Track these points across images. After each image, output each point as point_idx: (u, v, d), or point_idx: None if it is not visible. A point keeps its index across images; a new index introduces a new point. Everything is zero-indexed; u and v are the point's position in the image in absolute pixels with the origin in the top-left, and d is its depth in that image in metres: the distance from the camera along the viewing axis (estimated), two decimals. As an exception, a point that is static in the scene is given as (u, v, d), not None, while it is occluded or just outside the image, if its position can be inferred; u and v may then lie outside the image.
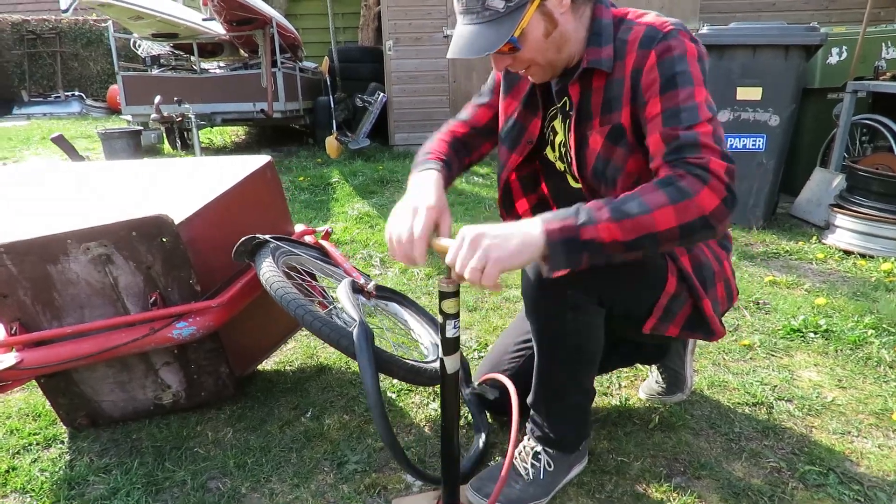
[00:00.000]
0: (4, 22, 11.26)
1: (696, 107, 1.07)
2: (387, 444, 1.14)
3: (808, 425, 1.61)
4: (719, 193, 1.00)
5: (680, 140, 1.05)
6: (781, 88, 3.35)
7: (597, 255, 1.00)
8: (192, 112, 4.84)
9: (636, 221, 0.98)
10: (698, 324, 1.29)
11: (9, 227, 1.48)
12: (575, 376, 1.31)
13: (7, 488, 1.44)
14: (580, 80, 1.20)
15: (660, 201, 0.99)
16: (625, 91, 1.15)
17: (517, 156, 1.35)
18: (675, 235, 1.00)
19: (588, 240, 0.98)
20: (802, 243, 3.20)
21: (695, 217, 0.99)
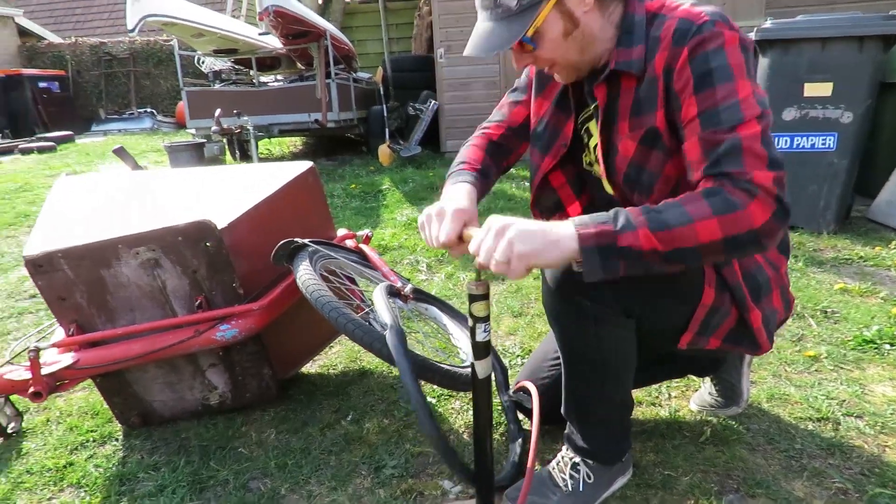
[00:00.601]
0: (84, 45, 12.07)
1: (738, 104, 0.97)
2: (433, 442, 1.10)
3: (880, 444, 1.48)
4: (769, 207, 0.91)
5: (720, 149, 0.96)
6: (855, 83, 3.13)
7: (634, 264, 0.94)
8: (250, 124, 5.02)
9: (677, 233, 0.92)
10: (742, 336, 1.20)
11: (67, 233, 1.55)
12: (602, 389, 1.24)
13: (63, 483, 1.51)
14: (607, 81, 1.12)
15: (704, 212, 0.92)
16: (658, 92, 1.06)
17: (550, 158, 1.29)
18: (720, 249, 0.92)
19: (625, 247, 0.92)
20: (879, 248, 2.98)
21: (742, 231, 0.91)
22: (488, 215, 1.03)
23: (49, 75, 11.10)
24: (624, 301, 1.15)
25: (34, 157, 7.73)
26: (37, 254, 1.46)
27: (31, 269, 1.47)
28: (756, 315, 1.18)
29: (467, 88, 5.97)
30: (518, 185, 4.80)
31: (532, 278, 2.75)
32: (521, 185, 4.75)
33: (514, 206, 4.13)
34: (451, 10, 5.81)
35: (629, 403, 1.33)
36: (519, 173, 5.29)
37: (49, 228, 1.60)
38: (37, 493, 1.47)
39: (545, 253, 0.93)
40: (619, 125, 1.13)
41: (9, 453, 1.63)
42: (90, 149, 8.44)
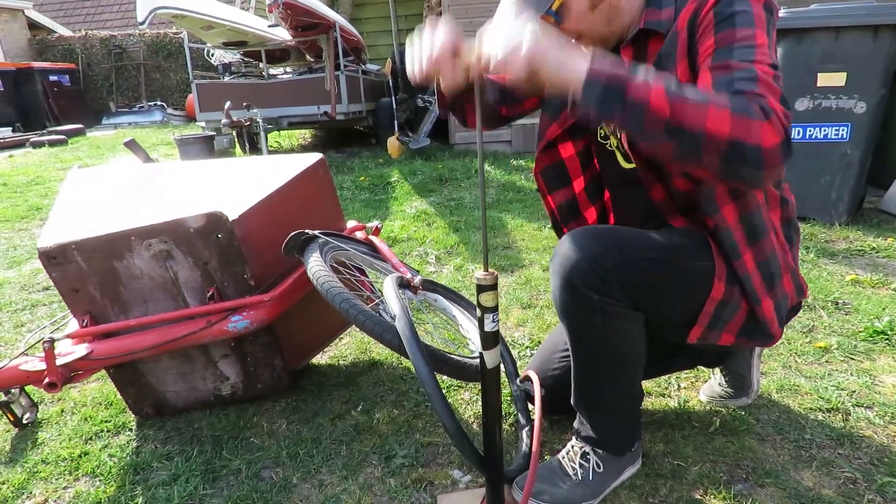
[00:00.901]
0: (94, 38, 12.12)
1: (754, 48, 0.95)
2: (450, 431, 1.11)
3: (889, 434, 1.48)
4: (779, 132, 0.87)
5: (734, 73, 0.94)
6: (869, 73, 3.09)
7: (632, 118, 0.89)
8: (259, 116, 5.03)
9: (689, 106, 0.87)
10: (755, 330, 1.19)
11: (80, 225, 1.57)
12: (613, 381, 1.25)
13: (78, 472, 1.53)
14: (633, 43, 1.11)
15: (722, 102, 0.88)
16: (679, 44, 1.04)
17: (557, 126, 1.27)
18: (722, 148, 0.87)
19: (632, 95, 0.88)
20: (892, 240, 2.95)
21: (749, 141, 0.86)
22: (497, 208, 1.02)
23: (59, 68, 11.17)
24: (632, 294, 1.14)
25: (45, 151, 7.80)
26: (50, 245, 1.48)
27: (45, 260, 1.49)
28: (768, 304, 1.17)
29: (476, 80, 5.94)
30: (527, 176, 4.79)
31: (542, 270, 2.75)
32: (529, 178, 4.73)
33: (524, 198, 4.13)
34: (461, 1, 5.78)
35: (639, 395, 1.34)
36: (528, 164, 5.27)
37: (62, 220, 1.61)
38: (52, 483, 1.50)
39: (553, 61, 0.90)
40: None
41: (24, 443, 1.66)
42: (101, 142, 8.51)
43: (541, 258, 2.94)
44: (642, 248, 1.14)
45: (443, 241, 3.24)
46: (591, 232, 1.15)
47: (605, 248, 1.11)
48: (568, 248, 1.13)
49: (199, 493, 1.42)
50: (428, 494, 1.37)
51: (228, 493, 1.41)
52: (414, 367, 1.12)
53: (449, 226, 3.54)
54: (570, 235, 1.15)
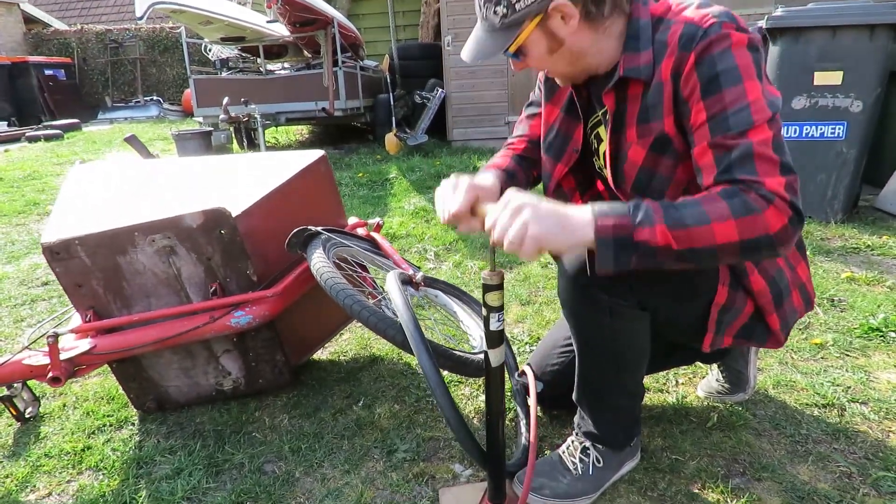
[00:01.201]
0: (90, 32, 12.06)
1: (747, 108, 0.95)
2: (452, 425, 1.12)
3: (884, 430, 1.50)
4: (784, 213, 0.91)
5: (733, 155, 0.95)
6: (865, 72, 3.12)
7: (647, 259, 0.93)
8: (257, 112, 5.03)
9: (694, 232, 0.91)
10: (752, 331, 1.21)
11: (82, 221, 1.58)
12: (617, 379, 1.27)
13: (82, 465, 1.54)
14: (616, 88, 1.11)
15: (722, 213, 0.91)
16: (665, 98, 1.04)
17: (563, 166, 1.28)
18: (736, 251, 0.92)
19: (641, 241, 0.92)
20: (887, 238, 2.98)
21: (759, 235, 0.91)
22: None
23: (55, 63, 11.12)
24: (639, 294, 1.16)
25: (41, 145, 7.76)
26: (54, 241, 1.48)
27: (49, 255, 1.50)
28: (774, 320, 1.19)
29: (475, 77, 5.95)
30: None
31: (540, 266, 2.77)
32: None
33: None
34: (458, -3, 5.78)
35: (640, 392, 1.36)
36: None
37: (65, 216, 1.62)
38: (56, 476, 1.51)
39: (560, 238, 0.93)
40: (627, 132, 1.12)
41: (27, 437, 1.67)
42: (97, 137, 8.47)
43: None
44: None
45: (441, 238, 3.26)
46: None
47: None
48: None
49: (202, 487, 1.43)
50: (430, 488, 1.38)
51: (232, 486, 1.43)
52: (418, 362, 1.14)
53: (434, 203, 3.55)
54: None
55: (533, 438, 1.17)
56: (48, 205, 4.53)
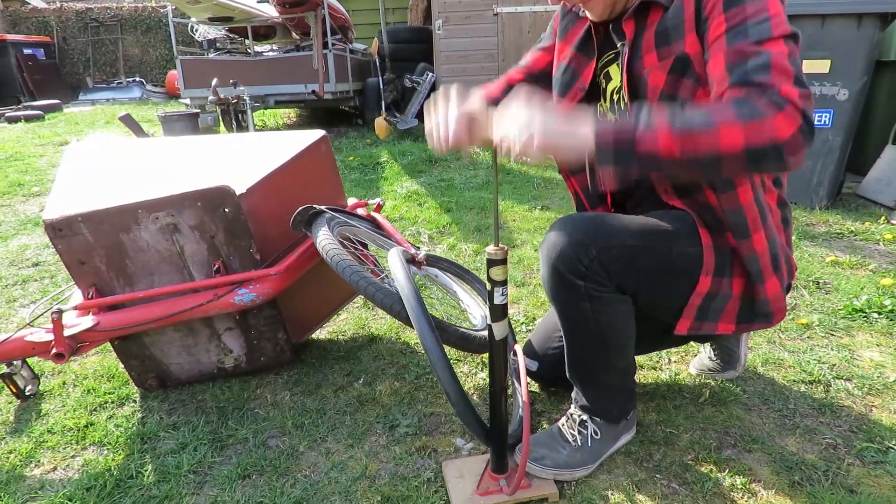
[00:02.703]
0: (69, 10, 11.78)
1: (767, 21, 0.95)
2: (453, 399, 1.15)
3: (867, 404, 1.57)
4: (794, 120, 0.89)
5: (748, 62, 0.94)
6: (852, 60, 3.18)
7: (649, 166, 0.93)
8: (246, 94, 4.98)
9: (698, 135, 0.90)
10: (753, 315, 1.24)
11: (84, 198, 1.58)
12: (606, 359, 1.29)
13: (86, 441, 1.56)
14: (635, 15, 1.12)
15: (727, 117, 0.90)
16: (686, 17, 1.05)
17: (568, 101, 1.29)
18: (741, 160, 0.90)
19: (643, 151, 0.92)
20: (869, 224, 3.06)
21: (765, 141, 0.88)
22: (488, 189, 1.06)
23: (34, 42, 10.85)
24: (617, 280, 1.18)
25: (21, 126, 7.62)
26: (57, 217, 1.48)
27: (52, 232, 1.49)
28: (773, 283, 1.21)
29: (465, 61, 5.94)
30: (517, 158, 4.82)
31: (534, 249, 2.81)
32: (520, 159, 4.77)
33: (514, 180, 4.18)
34: (449, -19, 5.75)
35: (632, 369, 1.39)
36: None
37: (67, 193, 1.62)
38: (60, 452, 1.52)
39: (565, 141, 0.94)
40: (646, 57, 1.12)
41: (28, 414, 1.68)
42: (79, 118, 8.33)
43: (532, 238, 2.99)
44: (627, 234, 1.17)
45: (435, 221, 3.28)
46: (576, 219, 1.19)
47: (589, 235, 1.15)
48: (554, 235, 1.18)
49: (208, 461, 1.45)
50: (433, 461, 1.42)
51: (237, 460, 1.45)
52: (418, 334, 1.16)
53: (440, 206, 3.58)
54: (557, 223, 1.20)
55: (526, 415, 1.21)
56: (33, 186, 4.47)
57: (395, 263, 1.28)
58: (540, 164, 1.18)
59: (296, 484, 1.36)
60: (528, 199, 3.67)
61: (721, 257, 1.20)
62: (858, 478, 1.31)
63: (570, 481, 1.32)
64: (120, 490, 1.37)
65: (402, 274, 1.24)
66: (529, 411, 1.23)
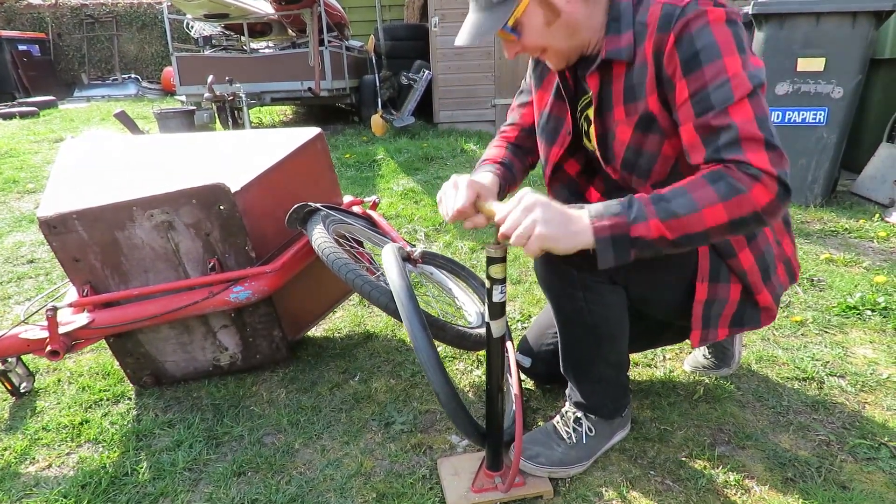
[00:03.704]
0: (64, 6, 11.71)
1: (727, 83, 0.98)
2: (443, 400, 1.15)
3: (860, 401, 1.58)
4: (772, 188, 0.95)
5: (719, 138, 0.98)
6: (847, 58, 3.19)
7: (645, 250, 0.99)
8: (242, 91, 4.96)
9: (685, 221, 0.96)
10: (744, 318, 1.25)
11: (79, 195, 1.57)
12: (598, 351, 1.30)
13: (81, 438, 1.56)
14: (599, 70, 1.14)
15: (710, 198, 0.96)
16: (648, 77, 1.08)
17: (557, 149, 1.31)
18: (725, 230, 0.98)
19: (637, 237, 0.97)
20: (863, 221, 3.07)
21: (747, 213, 0.95)
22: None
23: (29, 38, 10.78)
24: (609, 270, 1.18)
25: (17, 123, 7.57)
26: (51, 214, 1.48)
27: (46, 229, 1.49)
28: (765, 296, 1.23)
29: (461, 58, 5.93)
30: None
31: (529, 247, 2.81)
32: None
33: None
34: (446, -22, 5.74)
35: (625, 363, 1.39)
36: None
37: (62, 190, 1.61)
38: (55, 448, 1.52)
39: (563, 240, 0.98)
40: (615, 110, 1.15)
41: (23, 412, 1.67)
42: (74, 115, 8.28)
43: (528, 236, 2.99)
44: None
45: (431, 219, 3.28)
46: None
47: None
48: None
49: (203, 458, 1.46)
50: (428, 458, 1.42)
51: (233, 457, 1.45)
52: (408, 331, 1.15)
53: (436, 204, 3.57)
54: None
55: (518, 411, 1.21)
56: (28, 182, 4.45)
57: (389, 260, 1.27)
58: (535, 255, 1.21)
59: (291, 481, 1.36)
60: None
61: (716, 264, 1.21)
62: (851, 474, 1.31)
63: (565, 478, 1.33)
64: (115, 487, 1.37)
65: (394, 271, 1.23)
66: (521, 407, 1.23)
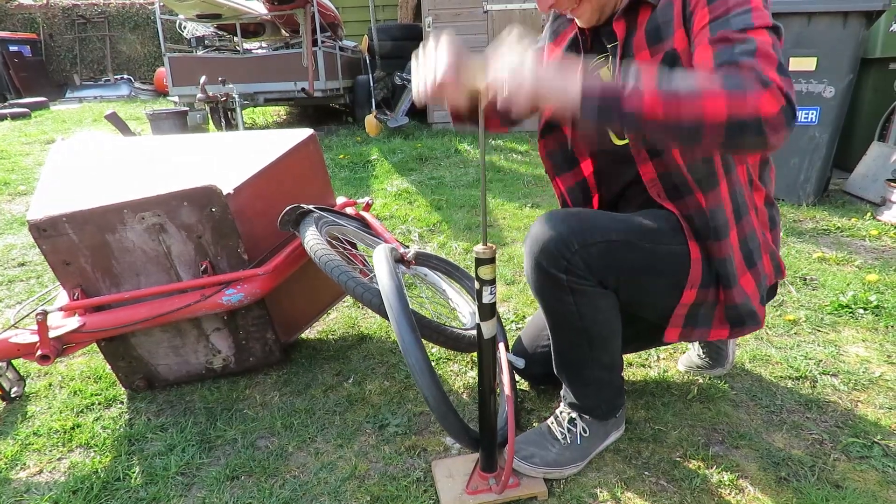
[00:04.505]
0: (56, 7, 11.65)
1: (749, 12, 0.97)
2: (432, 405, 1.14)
3: (853, 400, 1.58)
4: (778, 100, 0.88)
5: (734, 47, 0.95)
6: (838, 58, 3.20)
7: (631, 125, 0.93)
8: (235, 92, 4.95)
9: (683, 100, 0.89)
10: (743, 316, 1.24)
11: (69, 198, 1.56)
12: (590, 353, 1.29)
13: (72, 443, 1.54)
14: (625, 15, 1.13)
15: (714, 86, 0.90)
16: (675, 13, 1.06)
17: None
18: (721, 131, 0.89)
19: (627, 108, 0.91)
20: (855, 220, 3.09)
21: (748, 115, 0.88)
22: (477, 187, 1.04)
23: (20, 38, 10.72)
24: (599, 275, 1.19)
25: (8, 124, 7.52)
26: (41, 218, 1.47)
27: (36, 233, 1.48)
28: (748, 280, 1.23)
29: (454, 58, 5.92)
30: (506, 156, 4.83)
31: (522, 247, 2.81)
32: (510, 158, 4.77)
33: (503, 178, 4.17)
34: (439, -23, 5.74)
35: (618, 365, 1.38)
36: (506, 145, 5.31)
37: (52, 192, 1.60)
38: (46, 454, 1.51)
39: (552, 98, 0.93)
40: (638, 56, 1.13)
41: (14, 417, 1.66)
42: (66, 116, 8.24)
43: (522, 236, 3.00)
44: (610, 230, 1.17)
45: (425, 220, 3.28)
46: (560, 214, 1.19)
47: (572, 229, 1.15)
48: (537, 230, 1.18)
49: (196, 462, 1.45)
50: (422, 460, 1.42)
51: (226, 461, 1.44)
52: (397, 336, 1.14)
53: (431, 204, 3.57)
54: (540, 218, 1.20)
55: (510, 411, 1.21)
56: (19, 185, 4.42)
57: (380, 261, 1.26)
58: (522, 117, 1.12)
59: (285, 485, 1.35)
60: (518, 197, 3.67)
61: (707, 271, 1.21)
62: (844, 473, 1.32)
63: (560, 479, 1.32)
64: (107, 492, 1.36)
65: (384, 271, 1.22)
66: (513, 408, 1.23)
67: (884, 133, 3.65)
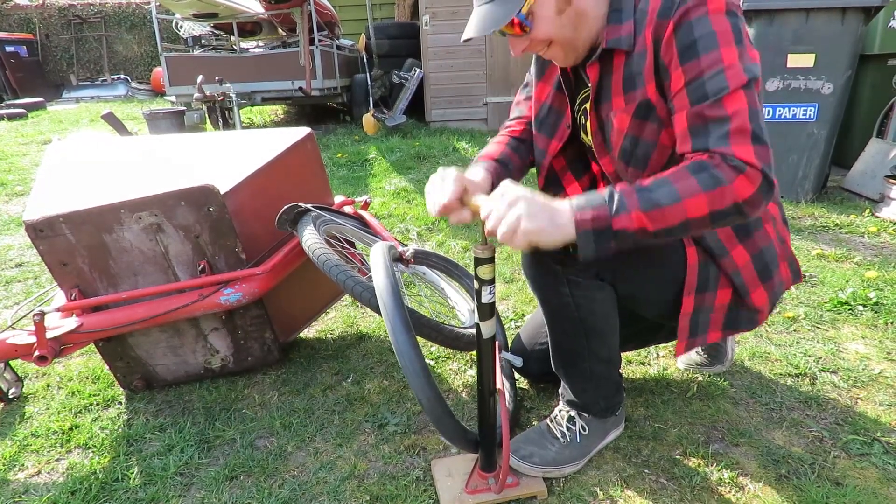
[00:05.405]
0: (52, 7, 11.61)
1: (722, 73, 0.98)
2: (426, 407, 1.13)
3: (853, 396, 1.58)
4: (754, 181, 0.94)
5: (709, 129, 0.98)
6: (836, 54, 3.20)
7: (626, 242, 0.98)
8: (233, 91, 4.93)
9: (667, 211, 0.95)
10: (739, 320, 1.25)
11: (66, 198, 1.55)
12: (587, 346, 1.30)
13: (71, 444, 1.54)
14: (600, 60, 1.13)
15: (692, 189, 0.95)
16: (646, 64, 1.07)
17: (557, 142, 1.31)
18: (706, 222, 0.97)
19: (619, 229, 0.96)
20: (854, 217, 3.09)
21: (728, 204, 0.95)
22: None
23: (16, 39, 10.68)
24: (595, 268, 1.20)
25: (4, 125, 7.50)
26: (38, 218, 1.46)
27: (32, 233, 1.47)
28: (760, 294, 1.22)
29: (453, 56, 5.92)
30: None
31: (521, 246, 2.80)
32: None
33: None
34: (436, -24, 5.72)
35: (616, 360, 1.38)
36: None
37: (48, 193, 1.59)
38: (44, 455, 1.50)
39: (547, 234, 0.96)
40: (613, 100, 1.15)
41: (12, 418, 1.65)
42: (63, 116, 8.21)
43: (521, 234, 2.99)
44: None
45: (423, 218, 3.27)
46: None
47: None
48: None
49: (194, 462, 1.44)
50: (422, 459, 1.41)
51: (225, 461, 1.44)
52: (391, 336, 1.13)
53: (428, 202, 3.56)
54: None
55: (504, 412, 1.20)
56: (16, 185, 4.41)
57: (376, 259, 1.25)
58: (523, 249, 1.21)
59: (284, 484, 1.35)
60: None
61: (704, 274, 1.21)
62: (844, 470, 1.32)
63: (559, 478, 1.32)
64: (105, 493, 1.35)
65: (380, 269, 1.21)
66: (506, 406, 1.22)
67: (882, 129, 3.65)
